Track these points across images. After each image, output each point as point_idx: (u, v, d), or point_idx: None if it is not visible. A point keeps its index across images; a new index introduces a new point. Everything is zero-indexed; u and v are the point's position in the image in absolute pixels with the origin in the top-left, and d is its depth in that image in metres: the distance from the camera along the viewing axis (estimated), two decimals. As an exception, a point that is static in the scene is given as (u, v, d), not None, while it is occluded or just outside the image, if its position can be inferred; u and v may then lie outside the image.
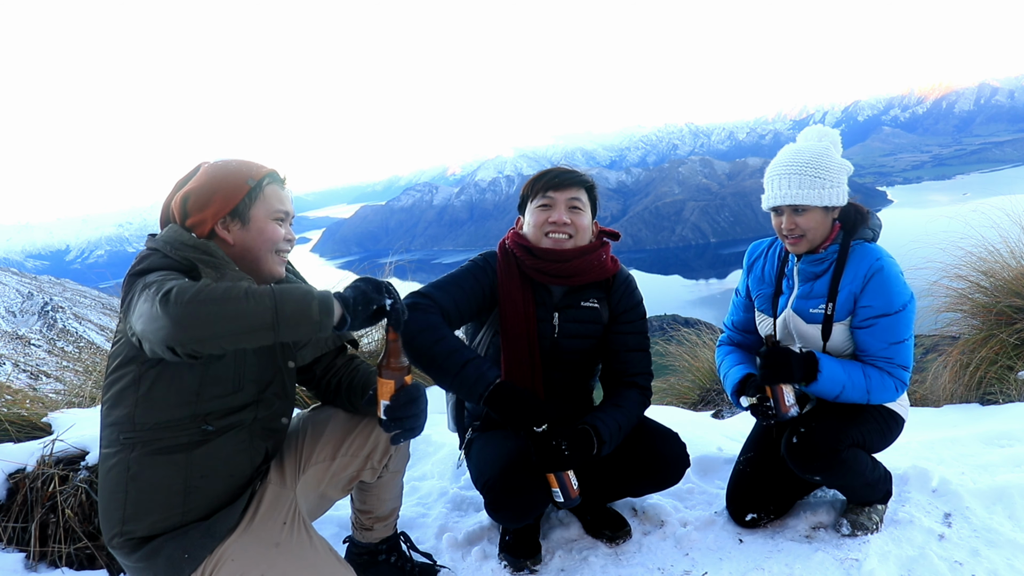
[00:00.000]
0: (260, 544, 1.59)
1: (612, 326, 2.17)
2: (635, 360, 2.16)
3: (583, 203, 2.10)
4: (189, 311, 1.23)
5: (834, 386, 2.00)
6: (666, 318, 13.78)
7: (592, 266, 2.10)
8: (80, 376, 3.80)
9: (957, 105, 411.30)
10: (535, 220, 2.09)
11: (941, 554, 1.97)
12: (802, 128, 2.19)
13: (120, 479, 1.51)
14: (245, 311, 1.26)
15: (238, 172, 1.61)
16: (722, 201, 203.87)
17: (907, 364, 2.04)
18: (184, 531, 1.53)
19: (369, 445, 1.79)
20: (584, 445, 1.90)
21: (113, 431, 1.52)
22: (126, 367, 1.50)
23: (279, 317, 1.28)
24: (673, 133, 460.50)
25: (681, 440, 2.18)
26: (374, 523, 2.00)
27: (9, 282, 12.88)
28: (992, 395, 3.67)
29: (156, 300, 1.24)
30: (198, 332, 1.24)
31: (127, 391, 1.49)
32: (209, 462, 1.56)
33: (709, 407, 4.96)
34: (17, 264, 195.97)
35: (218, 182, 1.59)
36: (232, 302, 1.26)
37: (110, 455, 1.53)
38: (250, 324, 1.27)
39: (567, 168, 2.14)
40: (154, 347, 1.28)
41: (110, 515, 1.53)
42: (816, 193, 2.00)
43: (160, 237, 1.57)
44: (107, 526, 1.54)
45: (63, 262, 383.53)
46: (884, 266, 2.01)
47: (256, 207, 1.61)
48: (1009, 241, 4.01)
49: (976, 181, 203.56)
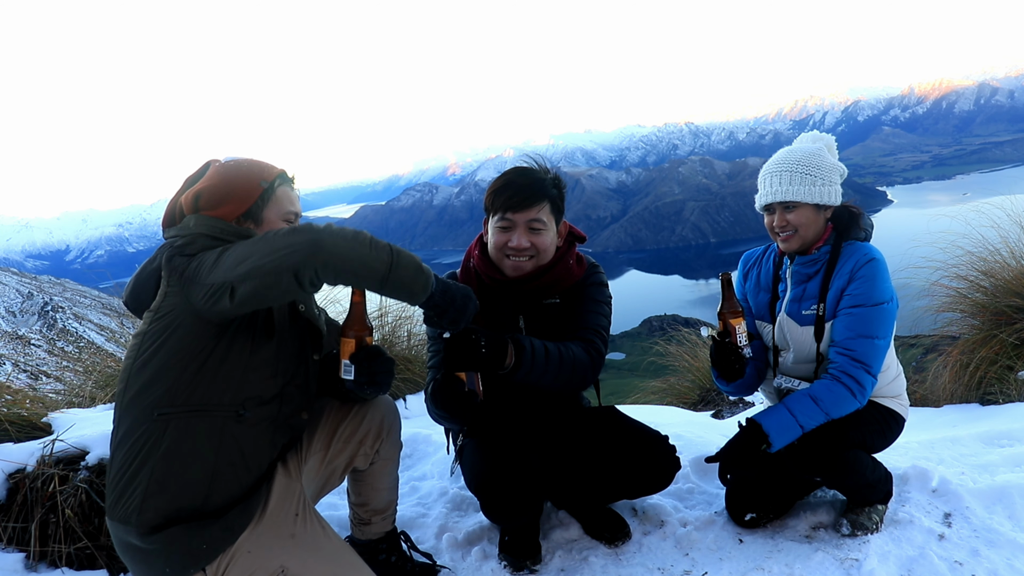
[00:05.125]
0: (275, 536, 1.60)
1: (570, 303, 2.09)
2: (584, 319, 2.04)
3: (544, 221, 1.98)
4: (326, 236, 1.38)
5: (791, 431, 1.94)
6: (666, 318, 13.80)
7: (558, 277, 2.05)
8: (80, 376, 3.81)
9: (957, 105, 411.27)
10: (495, 240, 2.01)
11: (941, 554, 1.97)
12: (802, 128, 2.21)
13: (147, 454, 1.49)
14: (367, 256, 1.42)
15: (250, 173, 1.66)
16: (722, 201, 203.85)
17: (869, 363, 1.96)
18: (201, 523, 1.51)
19: (361, 431, 1.85)
20: (500, 348, 1.74)
21: (146, 407, 1.50)
22: (173, 344, 1.50)
23: (391, 273, 1.45)
24: (673, 133, 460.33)
25: (670, 444, 2.17)
26: (372, 516, 2.01)
27: (9, 282, 12.88)
28: (992, 395, 3.67)
29: (290, 233, 1.39)
30: (328, 257, 1.38)
31: (171, 368, 1.50)
32: (237, 450, 1.56)
33: (709, 407, 4.96)
34: (17, 264, 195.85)
35: (231, 182, 1.64)
36: (360, 244, 1.42)
37: (136, 430, 1.51)
38: (368, 268, 1.42)
39: (527, 180, 1.98)
40: (265, 279, 1.37)
41: (129, 490, 1.48)
42: (806, 190, 2.01)
43: (195, 225, 1.59)
44: (123, 502, 1.49)
45: (63, 262, 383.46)
46: (872, 261, 2.01)
47: (268, 208, 1.67)
48: (1009, 241, 4.00)
49: (976, 181, 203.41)
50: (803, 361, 2.13)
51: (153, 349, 1.52)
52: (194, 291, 1.47)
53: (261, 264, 1.37)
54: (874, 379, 1.97)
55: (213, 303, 1.43)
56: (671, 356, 5.84)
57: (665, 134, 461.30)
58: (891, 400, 2.16)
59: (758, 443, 1.96)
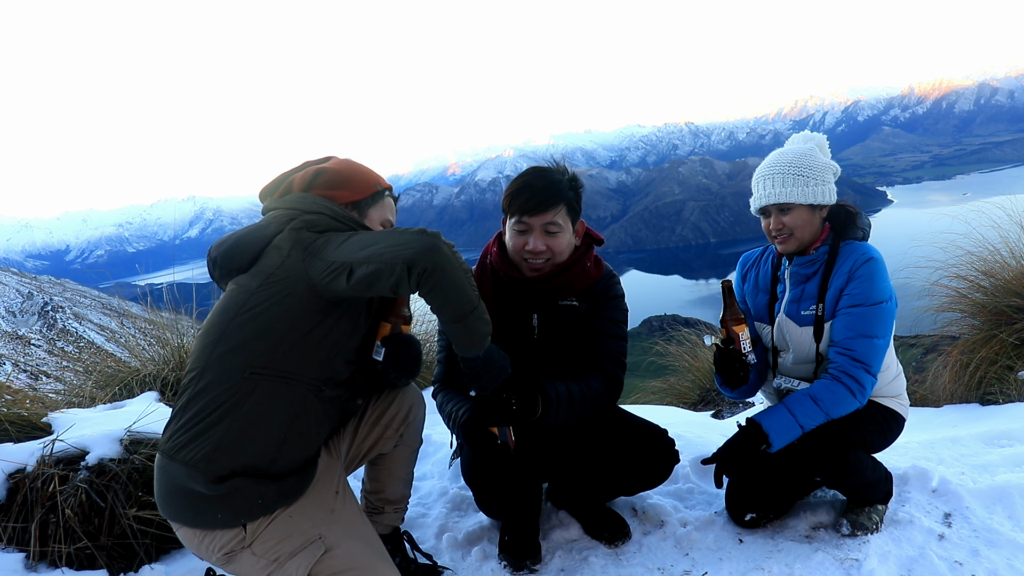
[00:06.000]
0: (317, 507, 1.65)
1: (588, 315, 2.12)
2: (604, 345, 2.08)
3: (560, 224, 2.00)
4: (445, 248, 1.52)
5: (791, 431, 1.94)
6: (666, 318, 13.84)
7: (575, 278, 2.08)
8: (80, 376, 3.80)
9: (957, 105, 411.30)
10: (512, 243, 2.05)
11: (941, 554, 1.97)
12: (802, 128, 2.21)
13: (229, 409, 1.52)
14: (465, 287, 1.56)
15: (369, 174, 1.84)
16: (722, 201, 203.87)
17: (869, 363, 1.96)
18: (262, 481, 1.55)
19: (387, 415, 1.94)
20: (530, 403, 1.84)
21: (239, 363, 1.55)
22: (283, 309, 1.56)
23: (471, 315, 1.59)
24: (673, 133, 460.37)
25: (669, 437, 2.18)
26: (384, 504, 2.05)
27: (9, 282, 12.89)
28: (992, 395, 3.66)
29: (417, 232, 1.53)
30: (440, 265, 1.50)
31: (275, 331, 1.56)
32: (307, 422, 1.62)
33: (709, 407, 4.97)
34: (17, 264, 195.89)
35: (355, 172, 1.81)
36: (465, 274, 1.57)
37: (222, 383, 1.54)
38: (460, 297, 1.56)
39: (543, 183, 2.00)
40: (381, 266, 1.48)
41: (202, 438, 1.51)
42: (800, 191, 2.01)
43: (312, 203, 1.70)
44: (192, 448, 1.52)
45: (63, 262, 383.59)
46: (870, 260, 2.01)
47: (374, 208, 1.82)
48: (1009, 241, 4.00)
49: (976, 181, 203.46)
50: (802, 362, 2.13)
51: (261, 309, 1.57)
52: (316, 265, 1.56)
53: (382, 252, 1.49)
54: (874, 379, 1.97)
55: (331, 280, 1.53)
56: (671, 356, 5.84)
57: (665, 134, 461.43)
58: (891, 400, 2.16)
59: (758, 443, 1.96)
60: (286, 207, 1.72)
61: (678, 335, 6.05)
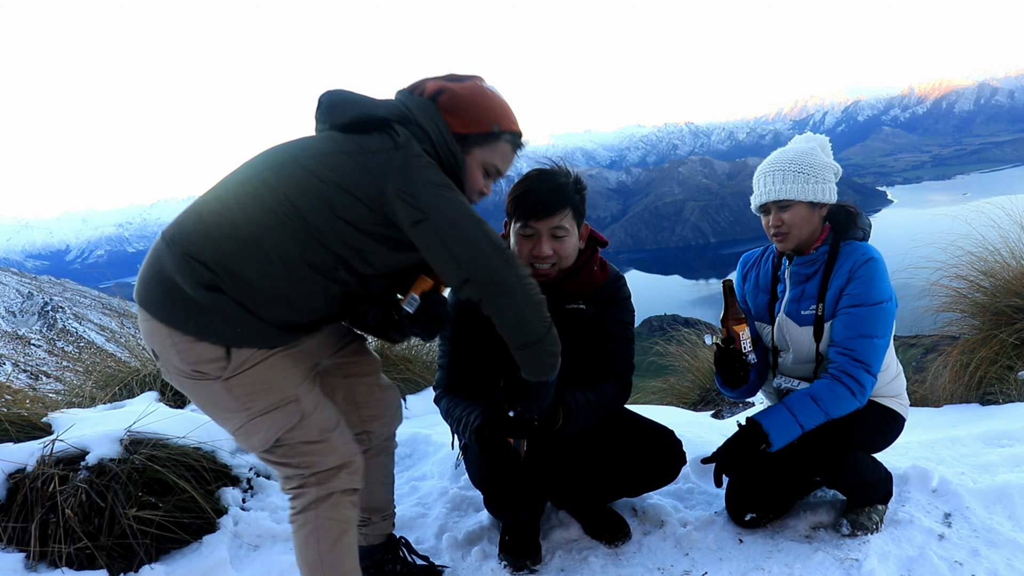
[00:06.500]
0: (297, 370, 1.61)
1: (597, 318, 2.12)
2: (614, 348, 2.09)
3: (567, 227, 1.98)
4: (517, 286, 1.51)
5: (790, 430, 1.94)
6: (666, 318, 13.84)
7: (583, 283, 2.07)
8: (80, 376, 3.80)
9: (957, 105, 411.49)
10: (518, 248, 2.02)
11: (941, 554, 1.97)
12: (802, 128, 2.23)
13: (248, 230, 1.46)
14: (531, 320, 1.56)
15: (492, 111, 1.65)
16: (722, 201, 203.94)
17: (869, 363, 1.95)
18: (244, 312, 1.48)
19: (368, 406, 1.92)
20: (551, 416, 1.84)
21: (281, 191, 1.47)
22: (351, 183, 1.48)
23: (537, 346, 1.58)
24: (673, 133, 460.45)
25: (676, 437, 2.18)
26: (371, 514, 2.00)
27: (9, 282, 12.90)
28: (992, 395, 3.67)
29: (493, 248, 1.50)
30: (504, 294, 1.51)
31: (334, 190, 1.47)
32: (309, 290, 1.54)
33: (709, 407, 4.97)
34: (17, 264, 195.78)
35: (475, 103, 1.63)
36: (538, 304, 1.56)
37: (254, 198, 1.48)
38: (524, 328, 1.56)
39: (549, 186, 1.97)
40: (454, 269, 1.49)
41: (208, 241, 1.47)
42: (799, 188, 2.01)
43: (427, 116, 1.59)
44: (198, 243, 1.47)
45: (63, 262, 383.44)
46: (870, 260, 2.01)
47: (482, 148, 1.65)
48: (1009, 241, 4.00)
49: (976, 181, 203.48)
50: (803, 361, 2.13)
51: (330, 168, 1.49)
52: (399, 205, 1.48)
53: (451, 247, 1.48)
54: (874, 378, 1.97)
55: (399, 225, 1.49)
56: (671, 356, 5.84)
57: (665, 134, 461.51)
58: (891, 400, 2.15)
59: (758, 443, 1.96)
60: (406, 104, 1.61)
61: (678, 335, 6.05)
